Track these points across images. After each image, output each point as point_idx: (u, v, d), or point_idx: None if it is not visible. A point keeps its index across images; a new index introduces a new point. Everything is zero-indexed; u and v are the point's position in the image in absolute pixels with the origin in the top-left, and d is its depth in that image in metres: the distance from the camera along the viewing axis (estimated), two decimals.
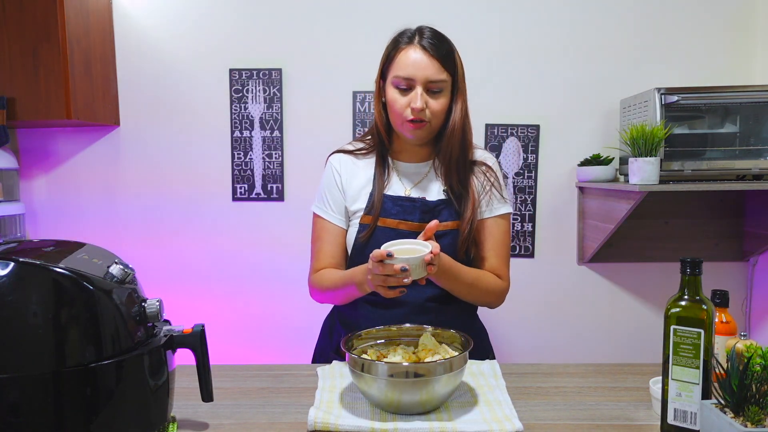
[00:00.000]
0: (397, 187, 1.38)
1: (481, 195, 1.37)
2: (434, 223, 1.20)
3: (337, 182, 1.40)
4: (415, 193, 1.37)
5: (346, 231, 1.39)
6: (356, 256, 1.36)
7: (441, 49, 1.28)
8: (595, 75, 2.36)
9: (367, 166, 1.41)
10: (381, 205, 1.34)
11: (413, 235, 1.28)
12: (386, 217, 1.33)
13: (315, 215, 1.42)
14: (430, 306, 1.33)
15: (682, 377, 0.92)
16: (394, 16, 2.36)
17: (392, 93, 1.29)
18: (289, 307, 2.44)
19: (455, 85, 1.32)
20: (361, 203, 1.37)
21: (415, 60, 1.26)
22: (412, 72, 1.26)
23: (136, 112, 2.40)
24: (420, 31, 1.30)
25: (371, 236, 1.33)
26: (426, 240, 1.18)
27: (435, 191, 1.37)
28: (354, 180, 1.40)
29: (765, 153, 2.02)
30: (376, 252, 1.12)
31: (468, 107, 1.36)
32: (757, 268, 2.39)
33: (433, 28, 1.32)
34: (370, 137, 1.43)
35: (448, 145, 1.33)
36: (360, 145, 1.44)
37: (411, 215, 1.33)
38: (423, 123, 1.28)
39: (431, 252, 1.12)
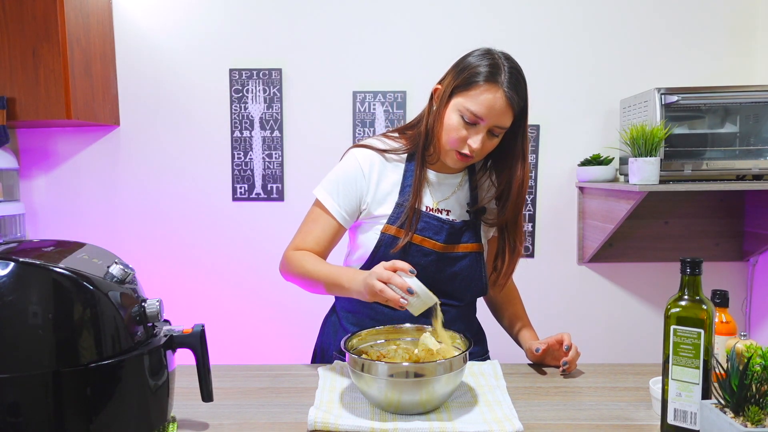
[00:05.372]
0: (426, 199, 1.33)
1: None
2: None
3: (359, 182, 1.31)
4: (441, 207, 1.34)
5: (344, 229, 1.35)
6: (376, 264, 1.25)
7: (522, 99, 1.22)
8: (595, 75, 2.36)
9: (395, 169, 1.33)
10: (417, 223, 1.29)
11: (435, 254, 1.29)
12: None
13: (318, 201, 1.34)
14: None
15: (682, 377, 0.92)
16: (394, 16, 2.36)
17: (454, 117, 1.22)
18: (289, 307, 2.44)
19: (521, 132, 1.27)
20: (386, 209, 1.31)
21: (493, 105, 1.19)
22: (485, 114, 1.19)
23: (136, 112, 2.40)
24: (506, 69, 1.21)
25: (406, 252, 1.28)
26: None
27: (459, 209, 1.35)
28: (382, 183, 1.32)
29: (765, 153, 2.02)
30: (402, 263, 1.10)
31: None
32: (757, 268, 2.39)
33: (517, 66, 1.24)
34: (404, 139, 1.34)
35: (514, 205, 1.30)
36: (394, 144, 1.34)
37: (438, 235, 1.30)
38: (470, 158, 1.25)
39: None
